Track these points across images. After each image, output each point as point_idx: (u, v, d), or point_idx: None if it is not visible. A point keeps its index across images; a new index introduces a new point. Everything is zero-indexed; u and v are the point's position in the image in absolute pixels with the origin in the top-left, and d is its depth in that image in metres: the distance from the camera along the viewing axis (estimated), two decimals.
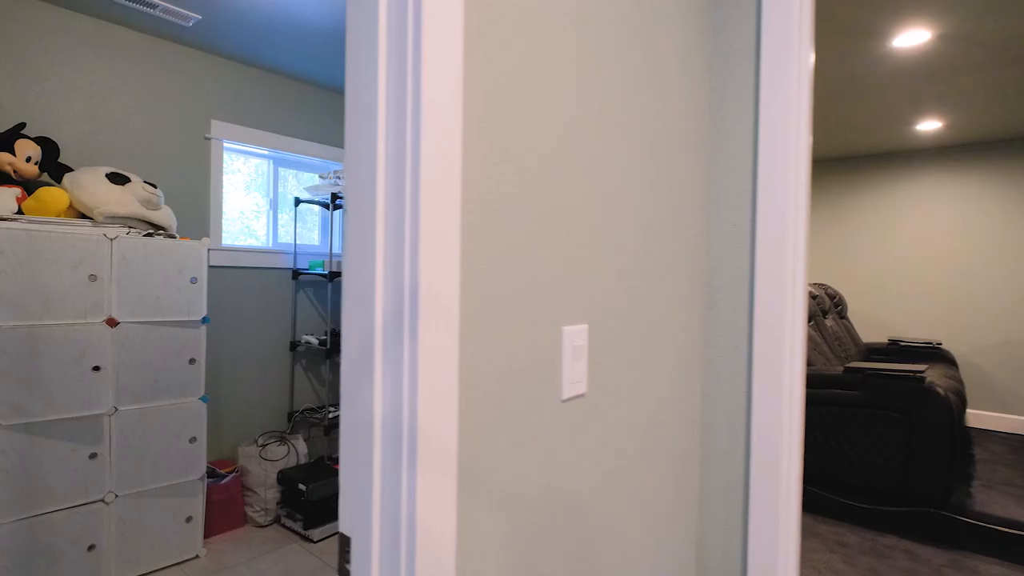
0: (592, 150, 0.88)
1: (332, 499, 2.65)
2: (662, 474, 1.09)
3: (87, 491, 2.09)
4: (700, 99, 1.20)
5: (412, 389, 0.59)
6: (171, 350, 2.30)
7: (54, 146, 2.27)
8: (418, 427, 0.59)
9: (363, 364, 0.63)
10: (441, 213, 0.61)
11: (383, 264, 0.61)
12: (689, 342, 1.19)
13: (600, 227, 0.90)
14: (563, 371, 0.82)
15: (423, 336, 0.59)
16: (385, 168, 0.61)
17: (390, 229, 0.61)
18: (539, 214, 0.78)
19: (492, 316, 0.71)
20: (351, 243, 0.65)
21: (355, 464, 0.64)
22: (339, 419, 3.05)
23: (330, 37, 2.61)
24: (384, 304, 0.61)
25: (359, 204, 0.64)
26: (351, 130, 0.65)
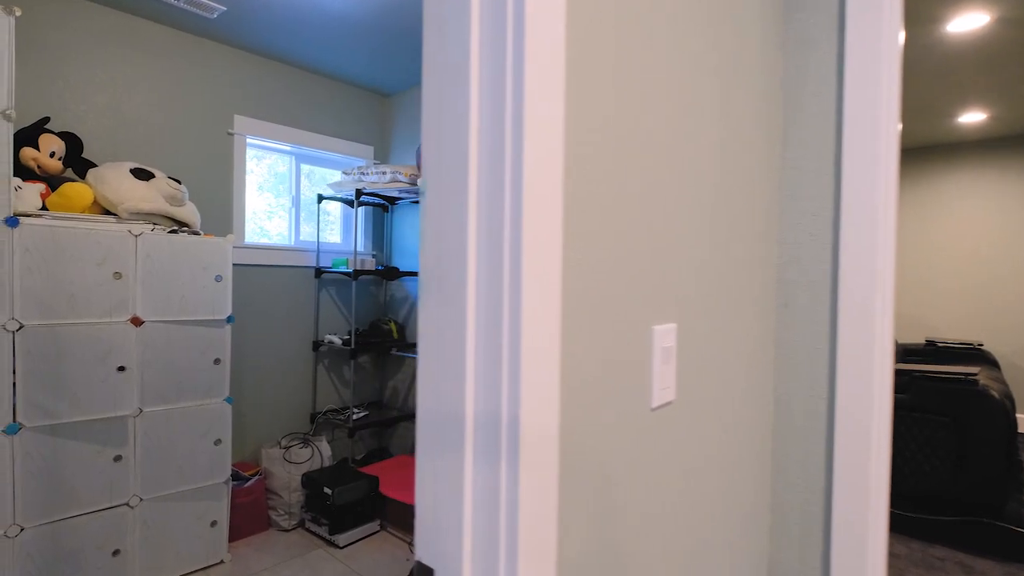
0: (682, 136, 0.79)
1: (358, 503, 2.58)
2: (735, 488, 1.00)
3: (112, 495, 2.03)
4: (773, 80, 1.10)
5: (513, 395, 0.50)
6: (196, 350, 2.24)
7: (78, 141, 2.22)
8: (520, 440, 0.50)
9: (449, 365, 0.54)
10: (544, 201, 0.53)
11: (475, 253, 0.53)
12: (761, 342, 1.09)
13: (685, 217, 0.81)
14: (653, 375, 0.74)
15: (526, 338, 0.50)
16: (479, 144, 0.53)
17: (485, 214, 0.52)
18: (634, 203, 0.69)
19: (584, 314, 0.62)
20: (431, 231, 0.57)
21: (440, 481, 0.56)
22: (362, 421, 2.99)
23: (356, 29, 2.54)
24: (477, 299, 0.53)
25: (442, 187, 0.55)
26: (432, 97, 0.57)
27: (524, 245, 0.50)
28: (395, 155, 3.42)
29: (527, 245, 0.51)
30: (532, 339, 0.51)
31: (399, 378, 3.40)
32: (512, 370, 0.51)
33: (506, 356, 0.51)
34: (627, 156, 0.68)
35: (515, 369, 0.50)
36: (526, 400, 0.51)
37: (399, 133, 3.39)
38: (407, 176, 2.72)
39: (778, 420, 1.15)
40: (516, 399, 0.50)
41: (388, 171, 2.76)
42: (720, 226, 0.91)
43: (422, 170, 0.60)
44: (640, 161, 0.70)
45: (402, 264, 3.35)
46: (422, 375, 0.58)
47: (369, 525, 2.63)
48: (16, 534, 1.81)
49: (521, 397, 0.50)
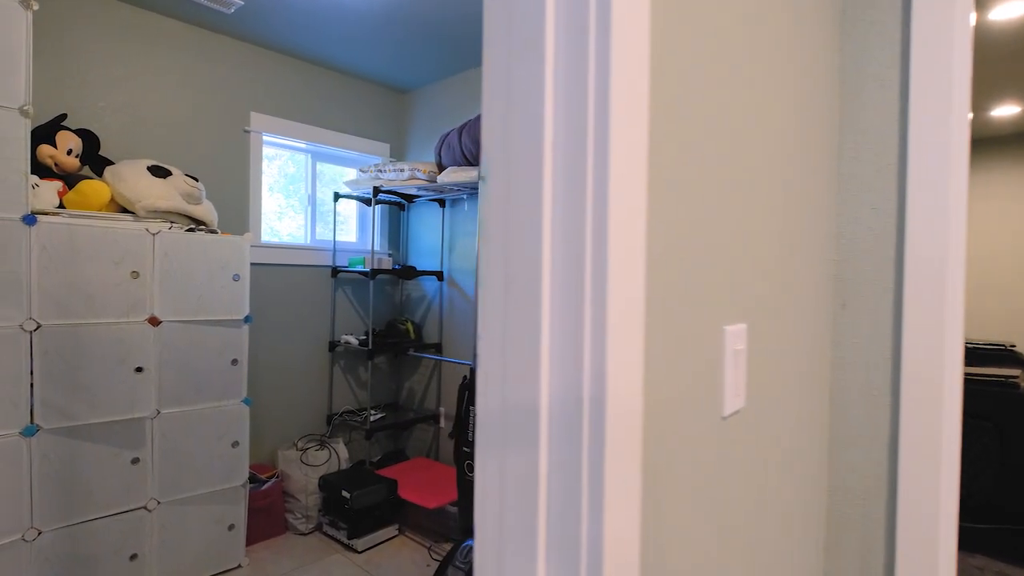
0: (752, 121, 0.73)
1: (376, 507, 2.53)
2: (793, 500, 0.93)
3: (129, 498, 1.99)
4: (830, 64, 1.04)
5: (597, 414, 0.44)
6: (213, 350, 2.20)
7: (95, 138, 2.18)
8: (604, 467, 0.44)
9: (520, 380, 0.48)
10: (629, 189, 0.46)
11: (550, 249, 0.47)
12: (818, 345, 1.03)
13: (754, 207, 0.74)
14: (724, 381, 0.67)
15: (612, 349, 0.44)
16: (554, 125, 0.47)
17: (562, 203, 0.46)
18: (711, 191, 0.63)
19: (658, 315, 0.56)
20: (496, 223, 0.51)
21: (509, 488, 0.50)
22: (379, 423, 2.92)
23: (374, 24, 2.49)
24: (552, 303, 0.47)
25: (511, 174, 0.49)
26: (497, 72, 0.51)
27: (610, 241, 0.44)
28: (412, 152, 3.37)
29: (613, 241, 0.45)
30: (617, 350, 0.45)
31: (415, 379, 3.35)
32: (596, 385, 0.45)
33: (588, 368, 0.45)
34: (706, 142, 0.62)
35: (599, 384, 0.44)
36: (611, 421, 0.45)
37: (416, 130, 3.34)
38: (425, 173, 2.67)
39: (835, 426, 1.08)
40: (600, 419, 0.44)
41: (406, 168, 2.71)
42: (783, 218, 0.85)
43: (482, 155, 0.54)
44: (717, 146, 0.64)
45: (419, 263, 3.30)
46: (485, 384, 0.52)
47: (387, 529, 2.58)
48: (34, 538, 1.78)
49: (606, 416, 0.44)
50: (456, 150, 2.50)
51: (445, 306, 3.15)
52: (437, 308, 3.20)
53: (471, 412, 2.08)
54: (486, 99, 0.53)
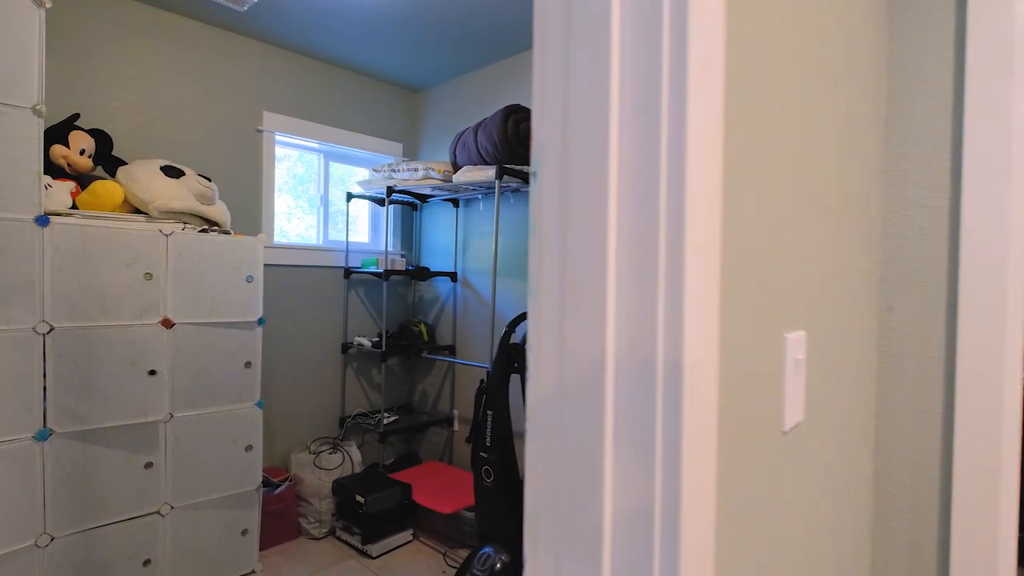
0: (809, 112, 0.68)
1: (391, 512, 2.49)
2: (842, 519, 0.88)
3: (142, 503, 1.96)
4: (877, 54, 0.98)
5: (673, 443, 0.40)
6: (227, 353, 2.17)
7: (107, 138, 2.16)
8: (681, 497, 0.40)
9: (584, 407, 0.44)
10: (706, 185, 0.42)
11: (616, 252, 0.42)
12: (864, 350, 0.97)
13: (809, 205, 0.69)
14: (785, 392, 0.62)
15: (688, 382, 0.40)
16: (620, 112, 0.42)
17: (629, 199, 0.42)
18: (773, 186, 0.58)
19: (724, 322, 0.51)
20: (549, 223, 0.46)
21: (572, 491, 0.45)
22: (393, 426, 2.89)
23: (388, 22, 2.45)
24: (618, 313, 0.42)
25: (570, 168, 0.45)
26: (551, 55, 0.46)
27: (687, 242, 0.40)
28: (424, 152, 3.33)
29: (691, 242, 0.40)
30: (695, 383, 0.40)
31: (428, 381, 3.31)
32: (671, 427, 0.40)
33: (660, 393, 0.40)
34: (770, 128, 0.57)
35: (675, 426, 0.40)
36: (688, 462, 0.40)
37: (429, 129, 3.30)
38: (440, 172, 2.63)
39: (880, 437, 1.03)
40: (677, 448, 0.40)
41: (420, 168, 2.67)
42: (834, 217, 0.79)
43: (533, 148, 0.49)
44: (781, 135, 0.59)
45: (432, 264, 3.26)
46: (536, 410, 0.47)
47: (402, 534, 2.54)
48: (47, 543, 1.75)
49: (683, 451, 0.40)
50: (472, 149, 2.46)
51: (459, 307, 3.11)
52: (451, 309, 3.16)
53: (488, 417, 2.03)
54: (538, 85, 0.48)
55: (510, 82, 2.83)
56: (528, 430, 0.49)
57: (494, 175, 2.30)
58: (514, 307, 2.79)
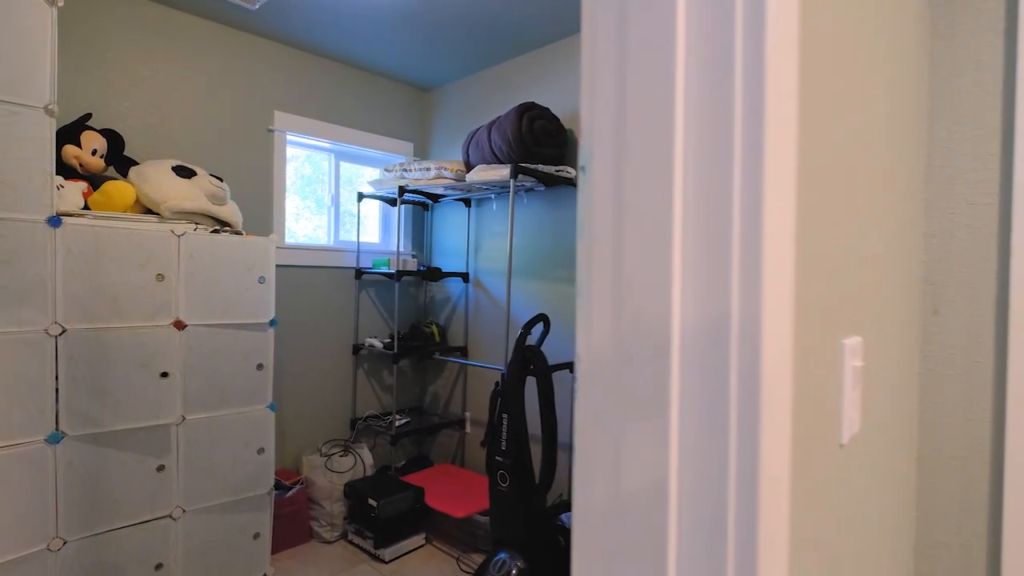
0: (861, 105, 0.63)
1: (404, 516, 2.46)
2: (888, 531, 0.83)
3: (154, 506, 1.94)
4: (920, 42, 0.93)
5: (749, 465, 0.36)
6: (238, 354, 2.14)
7: (119, 138, 2.14)
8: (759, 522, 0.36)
9: (648, 436, 0.40)
10: (781, 185, 0.38)
11: (681, 252, 0.38)
12: (908, 355, 0.93)
13: (862, 203, 0.65)
14: (843, 402, 0.58)
15: (766, 408, 0.36)
16: (686, 99, 0.38)
17: (695, 189, 0.38)
18: (833, 182, 0.54)
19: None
20: (600, 220, 0.43)
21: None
22: (404, 428, 2.85)
23: (399, 20, 2.42)
24: (682, 307, 0.38)
25: (628, 160, 0.41)
26: (605, 35, 0.42)
27: (765, 239, 0.36)
28: (435, 151, 3.30)
29: (768, 239, 0.36)
30: (772, 393, 0.37)
31: (440, 383, 3.28)
32: (748, 462, 0.36)
33: (735, 407, 0.36)
34: (832, 124, 0.53)
35: (752, 461, 0.36)
36: (765, 466, 0.36)
37: (440, 128, 3.27)
38: (453, 172, 2.59)
39: (924, 446, 0.98)
40: (754, 470, 0.36)
41: (432, 167, 2.64)
42: (884, 216, 0.75)
43: (583, 140, 0.45)
44: (837, 129, 0.55)
45: (443, 264, 3.23)
46: (587, 444, 0.43)
47: (415, 538, 2.51)
48: (59, 548, 1.73)
49: (760, 470, 0.36)
50: (485, 148, 2.42)
51: (471, 308, 3.08)
52: (462, 310, 3.12)
53: (503, 420, 2.00)
54: (588, 70, 0.44)
55: (522, 80, 2.80)
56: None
57: (509, 174, 2.26)
58: (528, 308, 2.75)
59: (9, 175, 1.61)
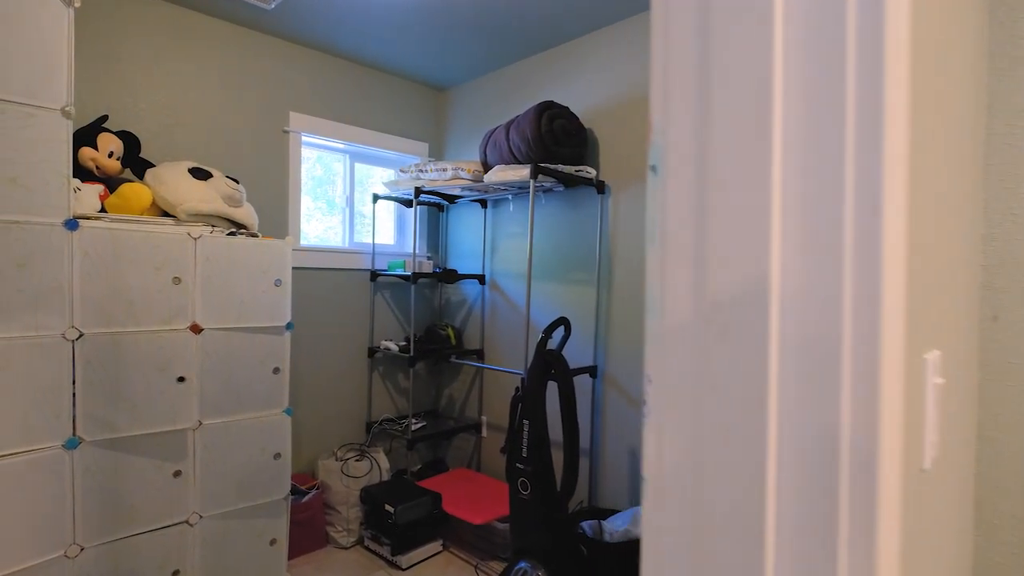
0: (944, 111, 0.58)
1: (421, 522, 2.42)
2: (950, 553, 0.78)
3: (171, 512, 1.92)
4: (977, 34, 0.88)
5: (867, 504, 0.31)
6: (254, 358, 2.12)
7: (135, 140, 2.12)
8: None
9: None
10: (899, 175, 0.33)
11: (780, 267, 0.34)
12: (966, 364, 0.87)
13: (936, 201, 0.60)
14: (926, 422, 0.53)
15: (885, 437, 0.31)
16: (784, 88, 0.33)
17: (800, 200, 0.33)
18: (924, 186, 0.49)
19: None
20: (677, 227, 0.38)
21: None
22: (421, 432, 2.80)
23: (414, 18, 2.39)
24: (782, 330, 0.34)
25: (708, 159, 0.36)
26: (681, 9, 0.37)
27: (885, 248, 0.31)
28: (450, 151, 3.27)
29: (888, 247, 0.31)
30: (890, 435, 0.32)
31: (455, 386, 3.24)
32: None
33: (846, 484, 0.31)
34: (933, 127, 0.48)
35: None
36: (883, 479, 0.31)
37: (455, 128, 3.23)
38: (470, 172, 2.55)
39: (983, 463, 0.92)
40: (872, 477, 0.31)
41: (449, 168, 2.60)
42: (949, 216, 0.70)
43: (654, 136, 0.41)
44: (934, 130, 0.50)
45: (459, 266, 3.19)
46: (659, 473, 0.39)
47: (432, 545, 2.47)
48: (76, 554, 1.71)
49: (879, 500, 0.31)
50: (503, 148, 2.38)
51: (487, 311, 3.04)
52: (479, 313, 3.08)
53: (524, 426, 1.95)
54: (660, 55, 0.40)
55: (539, 79, 2.75)
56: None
57: (528, 175, 2.22)
58: (546, 310, 2.71)
59: (26, 178, 1.59)
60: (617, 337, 2.43)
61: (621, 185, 2.42)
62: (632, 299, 2.37)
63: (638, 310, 2.35)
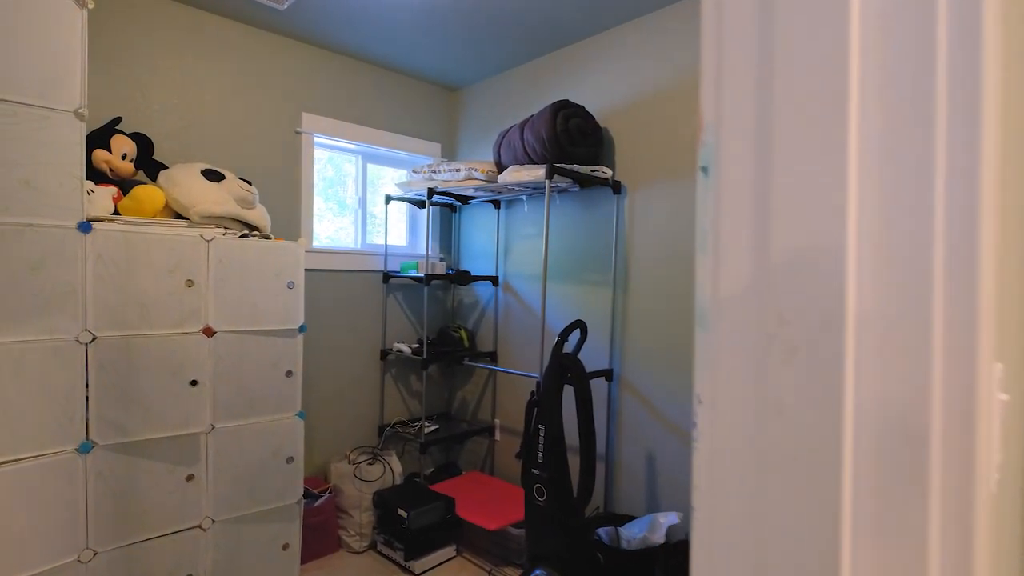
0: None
1: (435, 527, 2.39)
2: None
3: (184, 517, 1.91)
4: None
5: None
6: (267, 361, 2.10)
7: (148, 142, 2.12)
8: None
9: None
10: (994, 174, 0.29)
11: (856, 282, 0.30)
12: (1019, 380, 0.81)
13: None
14: (991, 444, 0.49)
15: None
16: (861, 77, 0.30)
17: (879, 184, 0.29)
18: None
19: None
20: (732, 231, 0.34)
21: None
22: (434, 435, 2.77)
23: (427, 17, 2.36)
24: (858, 350, 0.30)
25: (771, 158, 0.32)
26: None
27: (982, 250, 0.27)
28: (463, 151, 3.24)
29: (984, 250, 0.27)
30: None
31: (468, 389, 3.21)
32: None
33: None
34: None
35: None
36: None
37: (467, 128, 3.20)
38: (483, 173, 2.52)
39: None
40: None
41: (462, 168, 2.57)
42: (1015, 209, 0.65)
43: (705, 133, 0.37)
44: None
45: (472, 267, 3.16)
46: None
47: (445, 550, 2.44)
48: (89, 559, 1.70)
49: None
50: (518, 148, 2.34)
51: (500, 312, 3.00)
52: (492, 315, 3.05)
53: (540, 431, 1.91)
54: (712, 45, 0.36)
55: (553, 78, 2.71)
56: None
57: (544, 175, 2.18)
58: (560, 312, 2.67)
59: (39, 180, 1.58)
60: (633, 340, 2.38)
61: (637, 185, 2.37)
62: (648, 301, 2.32)
63: (655, 312, 2.30)
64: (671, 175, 2.25)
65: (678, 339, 2.22)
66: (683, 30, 2.20)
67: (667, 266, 2.26)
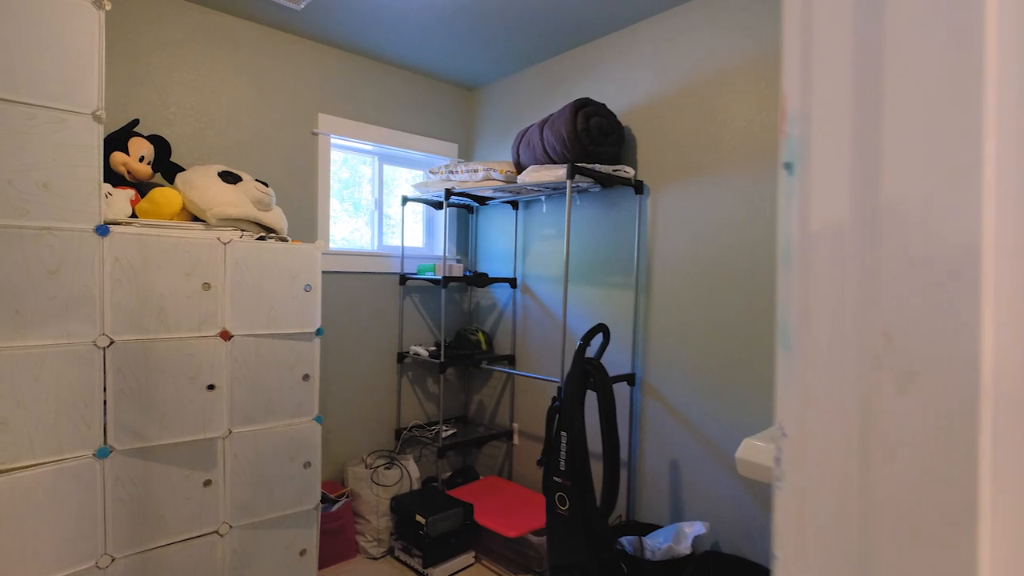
0: None
1: (453, 534, 2.35)
2: None
3: (201, 522, 1.89)
4: None
5: None
6: (284, 365, 2.08)
7: (166, 144, 2.11)
8: None
9: None
10: None
11: (995, 293, 0.24)
12: None
13: None
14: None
15: None
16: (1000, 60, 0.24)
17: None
18: None
19: None
20: (838, 241, 0.29)
21: None
22: (451, 439, 2.73)
23: (443, 15, 2.32)
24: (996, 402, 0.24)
25: (884, 137, 0.27)
26: None
27: None
28: (480, 152, 3.20)
29: None
30: None
31: (485, 392, 3.16)
32: None
33: None
34: None
35: None
36: None
37: (484, 128, 3.16)
38: (502, 173, 2.47)
39: None
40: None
41: (480, 168, 2.53)
42: None
43: (784, 121, 0.32)
44: None
45: (489, 269, 3.12)
46: None
47: (464, 557, 2.40)
48: (107, 565, 1.69)
49: None
50: (537, 147, 2.29)
51: (518, 315, 2.95)
52: (510, 317, 3.00)
53: (562, 438, 1.86)
54: (796, 20, 0.31)
55: (572, 76, 2.66)
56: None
57: (565, 175, 2.13)
58: (581, 315, 2.61)
59: (57, 183, 1.57)
60: (656, 343, 2.32)
61: (660, 185, 2.31)
62: (672, 303, 2.26)
63: (678, 315, 2.23)
64: (695, 174, 2.18)
65: (703, 343, 2.15)
66: (706, 25, 2.13)
67: (691, 267, 2.19)
